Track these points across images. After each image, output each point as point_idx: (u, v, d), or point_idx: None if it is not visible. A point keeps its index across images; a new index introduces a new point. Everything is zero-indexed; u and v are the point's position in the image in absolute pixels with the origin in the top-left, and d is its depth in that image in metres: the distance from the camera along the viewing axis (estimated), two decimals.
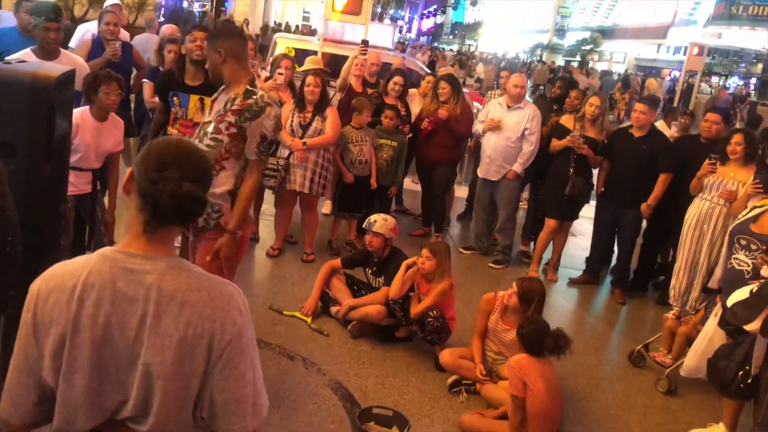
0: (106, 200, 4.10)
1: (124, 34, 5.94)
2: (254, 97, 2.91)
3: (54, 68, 2.86)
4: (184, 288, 1.40)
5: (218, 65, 3.01)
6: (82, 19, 6.62)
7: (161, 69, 4.92)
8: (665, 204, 5.21)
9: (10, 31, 4.62)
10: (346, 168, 5.47)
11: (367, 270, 4.49)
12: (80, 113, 3.69)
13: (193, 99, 4.18)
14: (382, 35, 9.55)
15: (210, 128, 2.99)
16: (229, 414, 1.43)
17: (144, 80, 5.09)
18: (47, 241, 2.89)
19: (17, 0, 4.84)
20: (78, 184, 3.80)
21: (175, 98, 4.19)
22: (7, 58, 2.99)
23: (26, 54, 3.77)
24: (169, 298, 1.38)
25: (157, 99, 4.66)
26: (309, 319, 4.30)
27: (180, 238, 3.54)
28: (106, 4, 6.35)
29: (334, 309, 4.37)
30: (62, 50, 4.15)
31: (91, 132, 3.75)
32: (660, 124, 6.78)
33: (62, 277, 1.40)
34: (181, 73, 4.26)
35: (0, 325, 2.50)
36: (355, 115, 5.45)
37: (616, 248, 5.85)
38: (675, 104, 12.03)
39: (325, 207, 6.35)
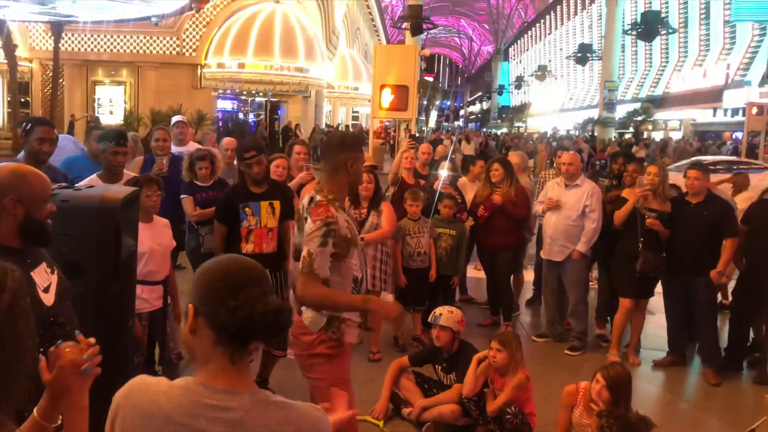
0: None
1: (193, 145, 6.17)
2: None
3: (120, 190, 2.99)
4: (273, 423, 1.34)
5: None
6: (146, 140, 6.99)
7: (195, 183, 4.92)
8: (752, 274, 4.88)
9: (81, 158, 4.93)
10: (406, 261, 5.41)
11: (436, 366, 4.31)
12: None
13: (264, 205, 4.23)
14: None
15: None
16: None
17: (182, 196, 4.90)
18: (117, 358, 2.90)
19: (87, 129, 5.18)
20: (151, 299, 3.86)
21: (247, 209, 4.22)
22: (77, 185, 3.14)
23: (92, 179, 3.96)
24: None
25: (198, 211, 4.77)
26: (381, 423, 4.11)
27: None
28: (173, 120, 6.71)
29: (406, 410, 4.17)
30: (125, 171, 4.36)
31: (141, 234, 3.77)
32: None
33: (142, 400, 1.37)
34: (245, 184, 4.32)
35: None
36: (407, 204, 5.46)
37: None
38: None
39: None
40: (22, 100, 21.96)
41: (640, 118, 35.09)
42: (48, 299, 2.04)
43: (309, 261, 2.60)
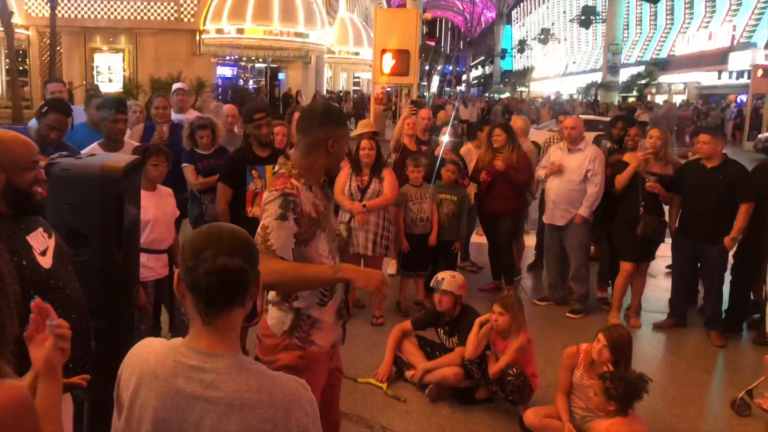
0: None
1: (193, 113, 6.18)
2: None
3: (121, 159, 2.98)
4: (244, 389, 1.36)
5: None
6: (146, 107, 6.95)
7: (196, 151, 4.92)
8: (753, 237, 4.88)
9: (81, 127, 4.89)
10: (408, 227, 5.43)
11: (439, 330, 4.36)
12: None
13: (269, 169, 4.22)
14: None
15: None
16: None
17: (184, 164, 4.86)
18: (122, 326, 2.94)
19: (87, 97, 5.14)
20: (156, 268, 3.89)
21: (254, 171, 4.24)
22: (80, 153, 3.13)
23: (93, 148, 3.94)
24: (228, 399, 1.35)
25: (200, 180, 4.77)
26: (384, 386, 4.18)
27: None
28: (173, 87, 6.68)
29: (409, 373, 4.24)
30: (126, 140, 4.35)
31: (146, 202, 3.78)
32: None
33: (137, 358, 1.45)
34: (250, 147, 4.33)
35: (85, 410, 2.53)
36: (409, 169, 5.46)
37: (701, 287, 5.49)
38: (745, 129, 11.55)
39: (390, 267, 6.30)
40: (20, 68, 21.74)
41: (644, 82, 34.69)
42: (45, 262, 2.07)
43: (263, 236, 2.18)
